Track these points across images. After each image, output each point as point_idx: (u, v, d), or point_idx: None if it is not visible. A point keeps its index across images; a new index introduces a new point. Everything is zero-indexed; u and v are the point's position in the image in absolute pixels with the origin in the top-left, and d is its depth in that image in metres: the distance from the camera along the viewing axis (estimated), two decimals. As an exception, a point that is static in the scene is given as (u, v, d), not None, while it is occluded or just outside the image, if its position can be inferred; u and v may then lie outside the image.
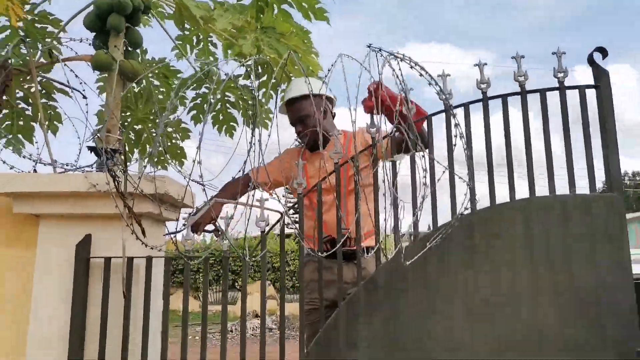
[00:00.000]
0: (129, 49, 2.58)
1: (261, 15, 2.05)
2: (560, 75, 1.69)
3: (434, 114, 1.71)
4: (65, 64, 2.57)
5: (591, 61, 1.71)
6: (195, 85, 3.09)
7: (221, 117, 3.17)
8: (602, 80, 1.68)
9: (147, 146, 2.88)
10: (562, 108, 1.69)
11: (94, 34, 2.60)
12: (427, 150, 1.75)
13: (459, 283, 1.59)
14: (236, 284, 12.77)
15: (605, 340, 1.51)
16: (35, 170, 1.92)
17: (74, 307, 1.65)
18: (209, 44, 3.19)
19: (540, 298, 1.57)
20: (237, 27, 2.01)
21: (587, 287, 1.56)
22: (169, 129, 3.15)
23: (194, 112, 2.81)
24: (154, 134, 3.19)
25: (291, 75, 2.45)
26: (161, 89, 3.22)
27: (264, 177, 2.22)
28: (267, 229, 1.68)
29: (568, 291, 1.56)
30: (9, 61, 1.93)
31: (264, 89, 3.00)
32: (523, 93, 1.71)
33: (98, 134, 2.03)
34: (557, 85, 1.70)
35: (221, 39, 2.99)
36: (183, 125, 3.16)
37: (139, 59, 2.64)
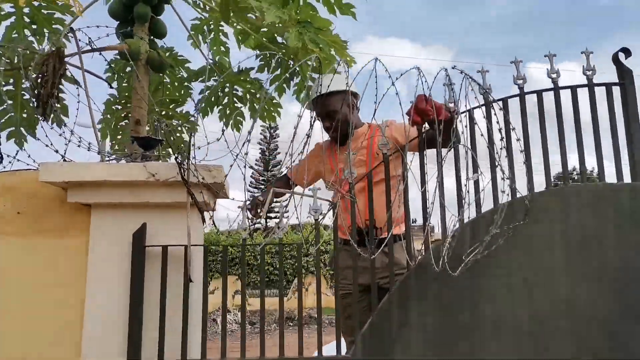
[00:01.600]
0: (153, 38, 2.59)
1: (297, 11, 2.10)
2: (589, 73, 1.83)
3: (475, 107, 1.82)
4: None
5: (616, 60, 1.86)
6: (203, 77, 3.11)
7: (228, 111, 3.20)
8: (626, 78, 1.83)
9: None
10: (591, 105, 1.83)
11: (116, 22, 2.60)
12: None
13: (502, 264, 1.72)
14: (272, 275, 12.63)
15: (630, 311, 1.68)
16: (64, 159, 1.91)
17: (133, 293, 1.69)
18: (220, 34, 3.21)
19: (582, 274, 1.71)
20: (281, 21, 2.05)
21: (614, 260, 1.72)
22: (174, 122, 3.17)
23: (202, 105, 2.84)
24: (164, 126, 3.20)
25: (315, 74, 2.53)
26: (165, 80, 3.22)
27: (302, 174, 2.32)
28: (320, 217, 1.76)
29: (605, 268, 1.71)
30: (62, 49, 1.91)
31: (276, 83, 3.04)
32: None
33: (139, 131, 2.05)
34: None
35: (235, 30, 3.01)
36: (192, 118, 3.18)
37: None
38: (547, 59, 1.88)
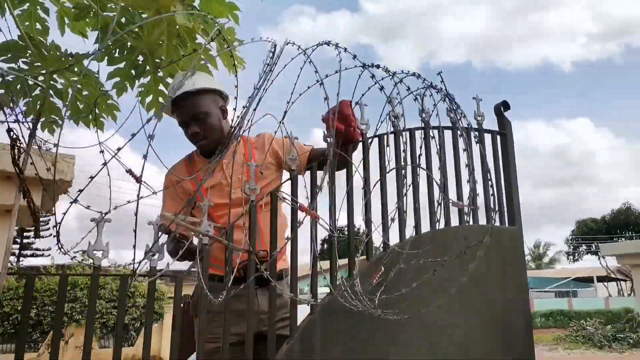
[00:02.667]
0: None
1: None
2: (479, 118, 1.89)
3: (385, 134, 1.69)
4: None
5: (497, 111, 1.98)
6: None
7: (38, 106, 2.46)
8: (506, 128, 1.95)
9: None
10: (480, 147, 1.88)
11: None
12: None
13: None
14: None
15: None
16: None
17: None
18: (38, 7, 2.49)
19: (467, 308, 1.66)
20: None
21: (499, 299, 1.73)
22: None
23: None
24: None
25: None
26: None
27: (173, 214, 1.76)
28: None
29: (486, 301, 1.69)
30: None
31: (117, 79, 2.45)
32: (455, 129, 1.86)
33: None
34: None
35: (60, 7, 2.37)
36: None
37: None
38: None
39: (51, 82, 2.36)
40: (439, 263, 1.58)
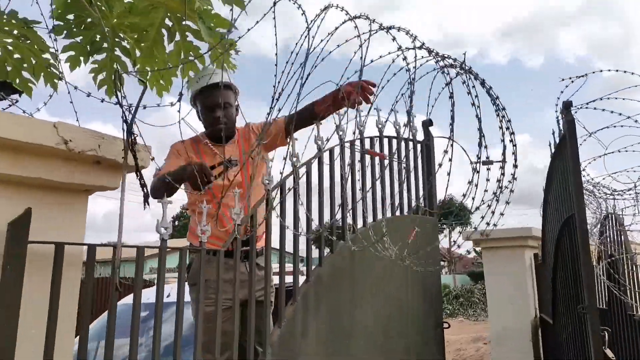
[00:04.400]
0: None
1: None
2: (411, 130, 2.43)
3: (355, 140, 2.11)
4: None
5: (425, 126, 2.53)
6: None
7: None
8: (430, 140, 2.52)
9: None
10: (407, 154, 2.42)
11: None
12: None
13: (352, 275, 2.03)
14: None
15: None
16: None
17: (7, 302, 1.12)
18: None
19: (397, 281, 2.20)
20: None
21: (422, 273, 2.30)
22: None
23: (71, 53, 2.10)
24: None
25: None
26: None
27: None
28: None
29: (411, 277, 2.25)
30: None
31: (71, 52, 2.43)
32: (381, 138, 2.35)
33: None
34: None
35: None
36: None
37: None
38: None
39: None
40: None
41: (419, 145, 2.51)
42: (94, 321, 3.58)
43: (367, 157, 2.24)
